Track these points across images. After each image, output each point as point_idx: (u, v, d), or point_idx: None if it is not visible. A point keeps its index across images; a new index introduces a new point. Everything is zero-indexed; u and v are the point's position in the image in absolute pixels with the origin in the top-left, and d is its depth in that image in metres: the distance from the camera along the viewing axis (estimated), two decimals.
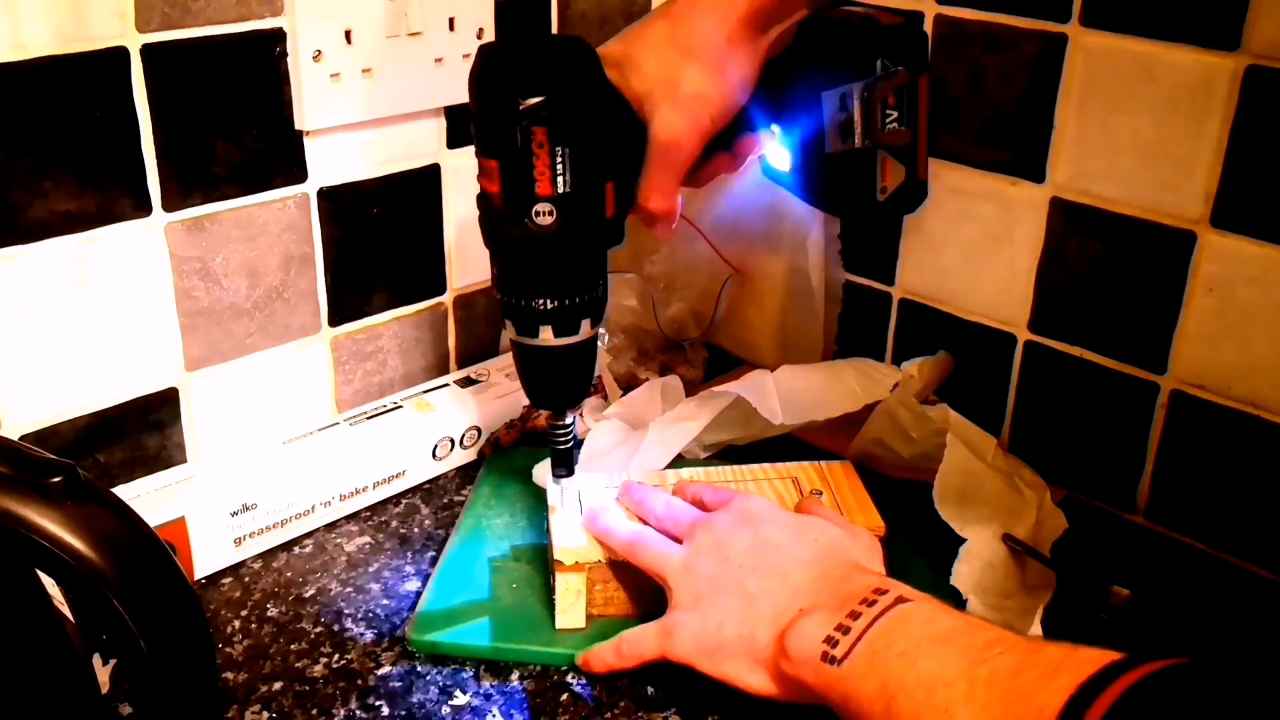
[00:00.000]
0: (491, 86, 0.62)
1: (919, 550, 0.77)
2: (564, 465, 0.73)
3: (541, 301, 0.66)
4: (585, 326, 0.67)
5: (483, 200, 0.65)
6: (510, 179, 0.62)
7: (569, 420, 0.72)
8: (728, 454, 0.88)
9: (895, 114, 0.68)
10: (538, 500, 0.81)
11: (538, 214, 0.62)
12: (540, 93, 0.60)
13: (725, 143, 0.69)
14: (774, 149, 0.73)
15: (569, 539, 0.70)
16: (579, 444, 0.73)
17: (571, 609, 0.70)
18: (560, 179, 0.62)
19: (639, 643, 0.66)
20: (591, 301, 0.67)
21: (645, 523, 0.71)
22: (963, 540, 0.74)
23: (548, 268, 0.65)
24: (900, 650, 0.53)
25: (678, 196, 0.68)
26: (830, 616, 0.57)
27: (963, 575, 0.73)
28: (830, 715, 0.57)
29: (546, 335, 0.67)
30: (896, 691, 0.52)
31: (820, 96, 0.67)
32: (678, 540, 0.68)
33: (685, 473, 0.79)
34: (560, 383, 0.70)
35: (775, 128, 0.71)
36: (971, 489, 0.78)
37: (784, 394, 0.86)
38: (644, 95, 0.65)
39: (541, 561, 0.76)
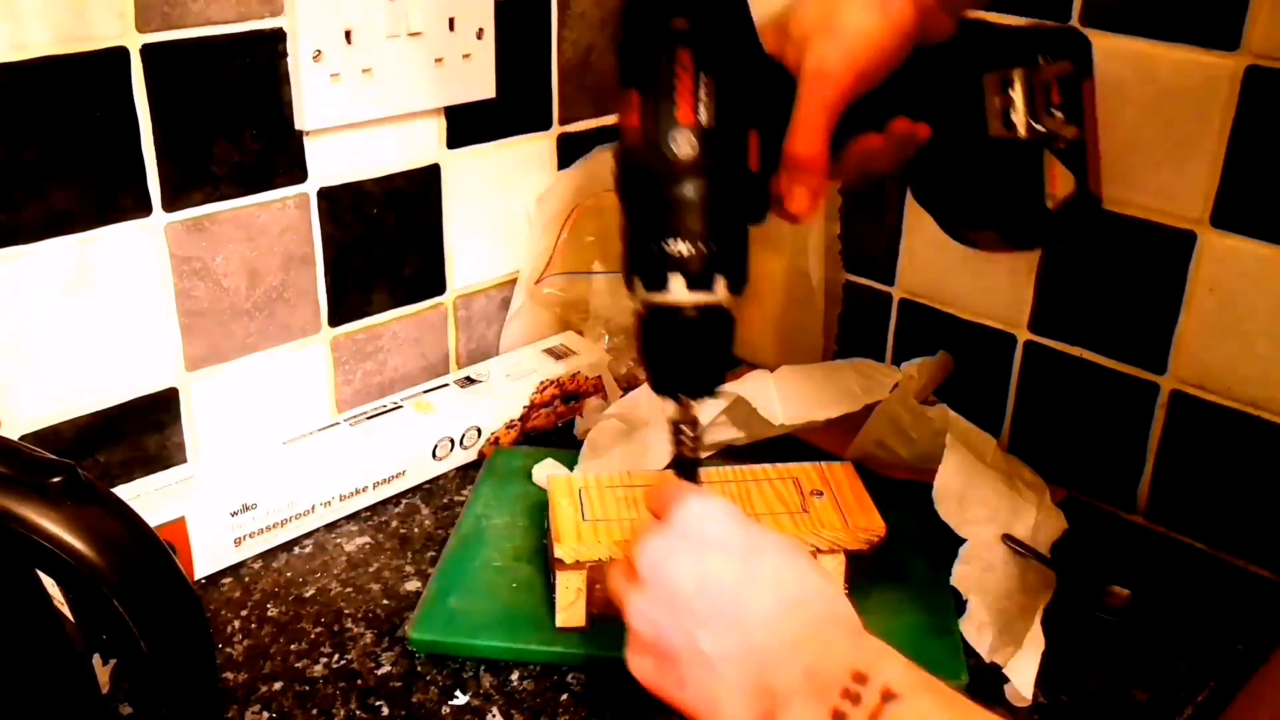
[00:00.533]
0: (640, 7, 0.60)
1: (919, 550, 0.77)
2: (689, 475, 0.63)
3: (673, 244, 0.58)
4: (720, 285, 0.59)
5: (621, 148, 0.60)
6: (650, 106, 0.59)
7: (695, 416, 0.62)
8: (728, 454, 0.88)
9: (1060, 114, 0.64)
10: (538, 500, 0.81)
11: (675, 141, 0.58)
12: (688, 14, 0.58)
13: (877, 120, 0.63)
14: (930, 156, 0.66)
15: (569, 538, 0.70)
16: (699, 451, 0.63)
17: (572, 608, 0.70)
18: (702, 107, 0.58)
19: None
20: (728, 256, 0.60)
21: None
22: (963, 540, 0.74)
23: (682, 205, 0.59)
24: None
25: (825, 144, 0.61)
26: (810, 713, 0.49)
27: (962, 575, 0.73)
28: None
29: (677, 286, 0.59)
30: None
31: (980, 80, 0.63)
32: None
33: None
34: (690, 356, 0.61)
35: (929, 121, 0.65)
36: (971, 489, 0.78)
37: (784, 394, 0.86)
38: (801, 40, 0.61)
39: (541, 561, 0.76)
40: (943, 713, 0.49)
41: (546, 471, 0.84)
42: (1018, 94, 0.63)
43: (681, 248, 0.59)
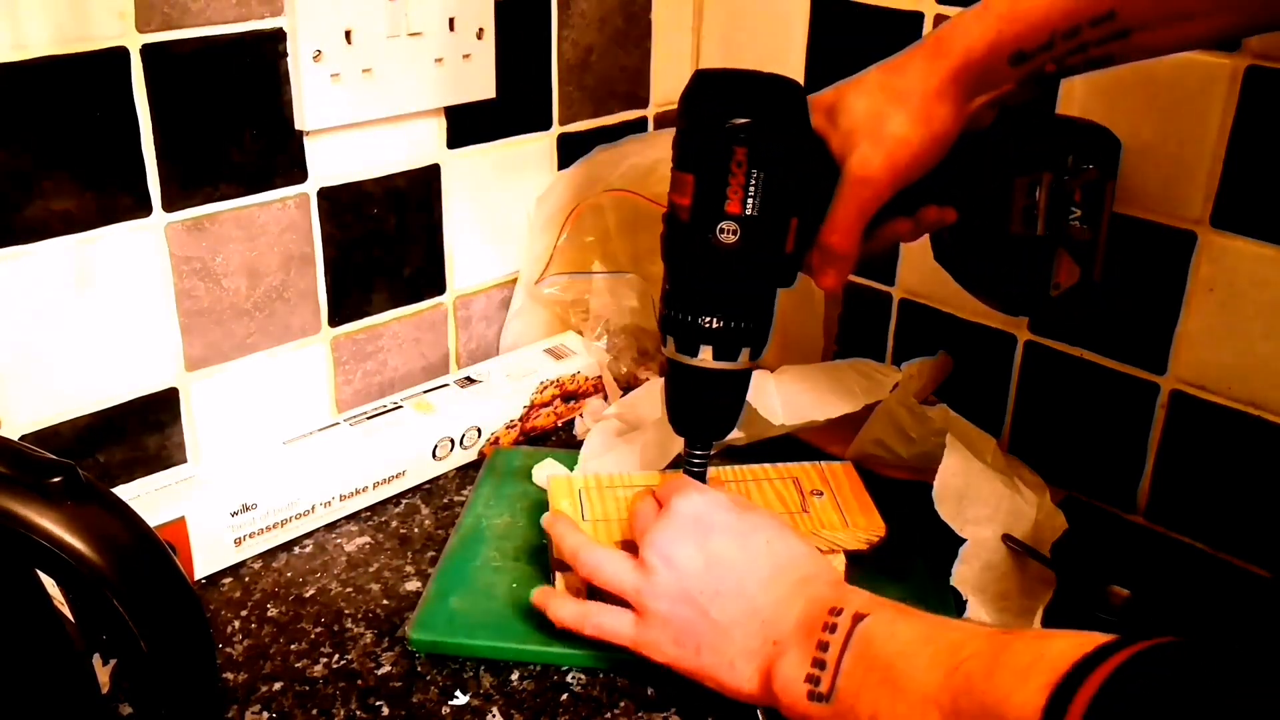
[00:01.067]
0: (704, 103, 0.65)
1: (919, 550, 0.77)
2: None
3: (708, 319, 0.67)
4: (744, 355, 0.69)
5: (669, 217, 0.67)
6: (703, 193, 0.65)
7: (709, 451, 0.72)
8: (728, 454, 0.88)
9: (1079, 212, 0.69)
10: (538, 500, 0.81)
11: (722, 231, 0.65)
12: (748, 115, 0.63)
13: (909, 208, 0.69)
14: (952, 232, 0.72)
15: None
16: (705, 474, 0.73)
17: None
18: (750, 200, 0.64)
19: (613, 631, 0.66)
20: (755, 331, 0.68)
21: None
22: (962, 540, 0.74)
23: (721, 285, 0.67)
24: (879, 677, 0.55)
25: (859, 238, 0.68)
26: (802, 652, 0.59)
27: (962, 576, 0.73)
28: None
29: (706, 356, 0.68)
30: (890, 719, 0.54)
31: (1012, 180, 0.68)
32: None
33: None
34: (708, 410, 0.71)
35: (957, 208, 0.70)
36: (971, 490, 0.78)
37: (784, 394, 0.86)
38: (847, 134, 0.66)
39: (541, 561, 0.76)
40: (902, 620, 0.57)
41: (546, 472, 0.84)
42: (1042, 198, 0.69)
43: (714, 324, 0.67)
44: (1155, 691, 0.44)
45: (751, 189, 0.64)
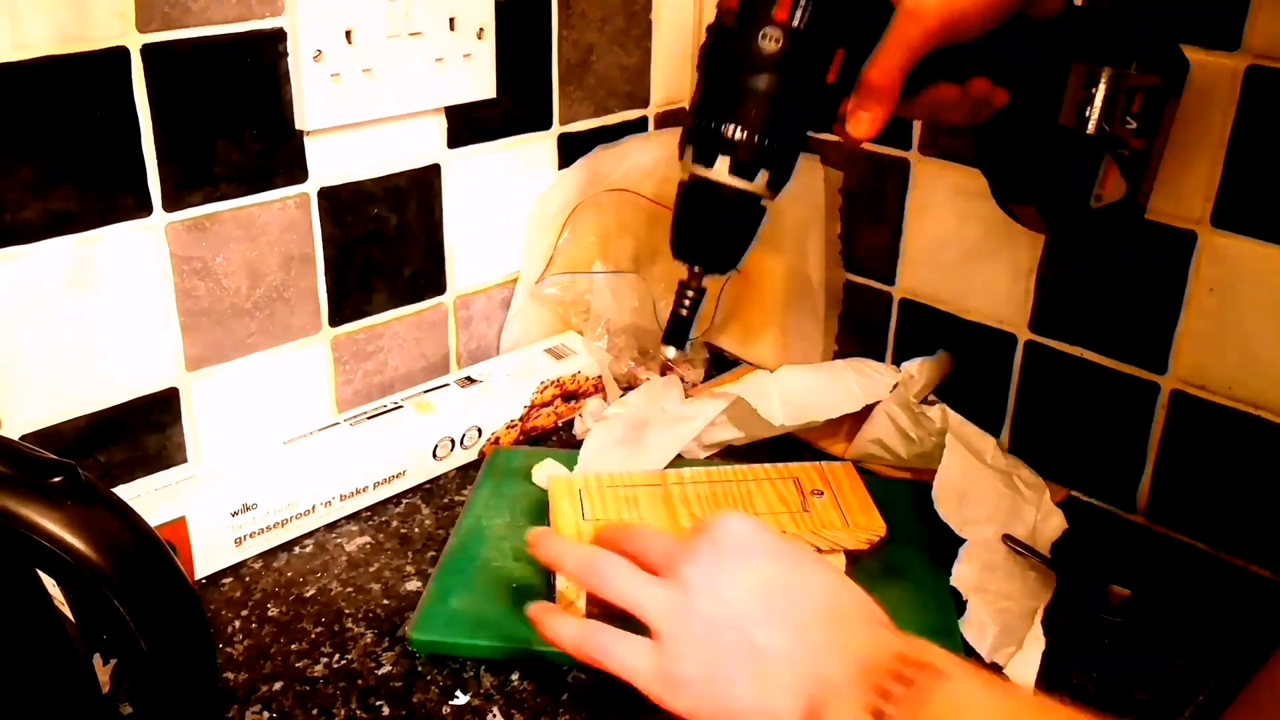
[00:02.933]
0: None
1: (919, 550, 0.77)
2: (678, 337, 0.68)
3: (732, 127, 0.63)
4: (762, 178, 0.63)
5: (714, 25, 0.64)
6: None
7: (703, 286, 0.67)
8: (728, 454, 0.88)
9: (1135, 124, 0.65)
10: (538, 500, 0.81)
11: (765, 36, 0.61)
12: None
13: (959, 74, 0.65)
14: (999, 118, 0.68)
15: (570, 537, 0.70)
16: (695, 316, 0.68)
17: (571, 608, 0.70)
18: (800, 11, 0.61)
19: (629, 668, 0.57)
20: (778, 154, 0.64)
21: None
22: (962, 540, 0.75)
23: (751, 94, 0.62)
24: None
25: (900, 79, 0.63)
26: (858, 698, 0.50)
27: (962, 575, 0.73)
28: None
29: (721, 168, 0.63)
30: None
31: (1068, 66, 0.65)
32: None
33: (685, 473, 0.79)
34: (717, 231, 0.65)
35: (1011, 91, 0.67)
36: (971, 489, 0.78)
37: (784, 394, 0.86)
38: None
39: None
40: (987, 691, 0.50)
41: (547, 472, 0.84)
42: (1099, 92, 0.65)
43: (737, 133, 0.62)
44: None
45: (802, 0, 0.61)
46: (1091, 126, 0.65)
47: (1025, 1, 0.63)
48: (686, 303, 0.67)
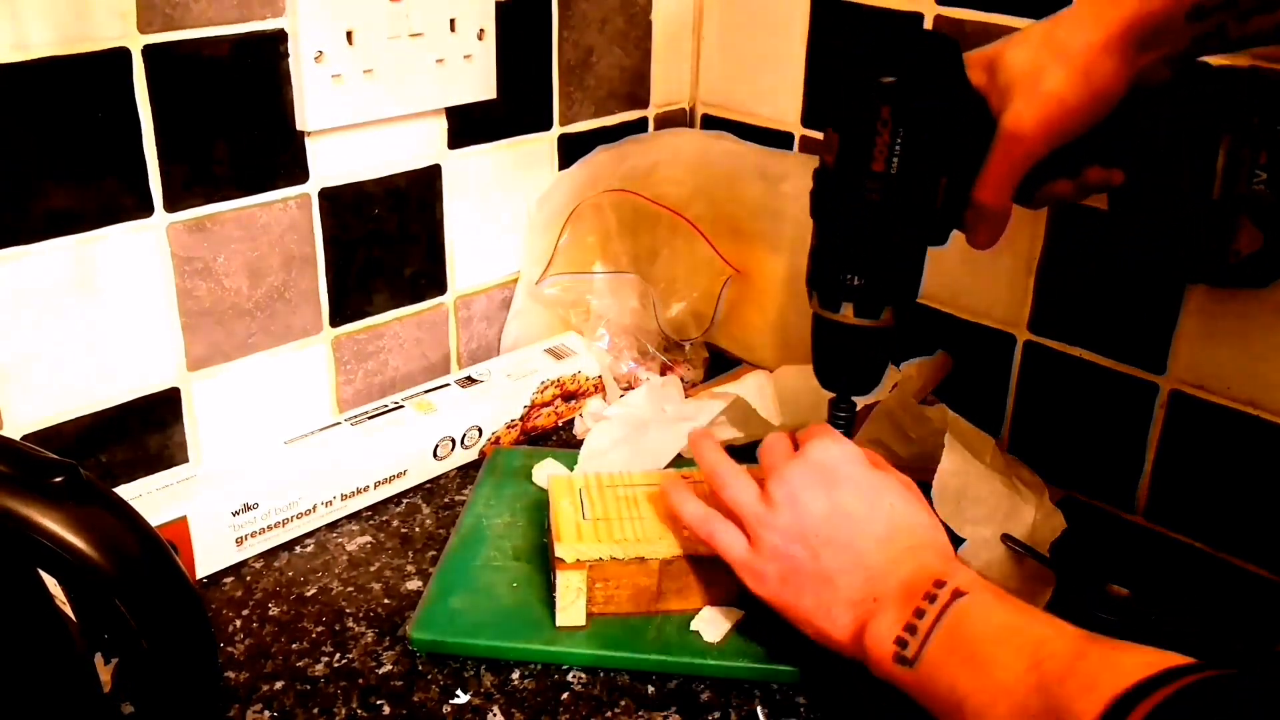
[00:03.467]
0: (855, 62, 0.65)
1: None
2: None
3: (850, 276, 0.67)
4: (887, 313, 0.68)
5: (818, 172, 0.67)
6: (848, 151, 0.65)
7: (853, 405, 0.72)
8: (729, 453, 0.88)
9: (1264, 175, 0.65)
10: (538, 500, 0.81)
11: (866, 189, 0.64)
12: (894, 73, 0.63)
13: (1073, 168, 0.67)
14: (1120, 195, 0.70)
15: (570, 536, 0.70)
16: (852, 429, 0.73)
17: (571, 607, 0.70)
18: (895, 159, 0.63)
19: (727, 546, 0.67)
20: (898, 288, 0.68)
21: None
22: (962, 540, 0.75)
23: (864, 243, 0.66)
24: (963, 656, 0.56)
25: (1009, 196, 0.66)
26: (899, 613, 0.59)
27: None
28: None
29: (847, 312, 0.68)
30: (965, 696, 0.55)
31: (1182, 140, 0.66)
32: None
33: (685, 472, 0.79)
34: (852, 365, 0.71)
35: (1125, 170, 0.68)
36: (970, 489, 0.78)
37: (783, 395, 0.86)
38: (1004, 89, 0.64)
39: (541, 560, 0.76)
40: (998, 606, 0.58)
41: (547, 471, 0.84)
42: (1219, 160, 0.65)
43: (856, 280, 0.67)
44: (1209, 712, 0.45)
45: (897, 147, 0.63)
46: (1215, 192, 0.66)
47: (1124, 92, 0.63)
48: (842, 419, 0.73)
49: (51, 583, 0.51)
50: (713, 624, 0.70)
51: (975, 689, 0.54)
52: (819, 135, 0.97)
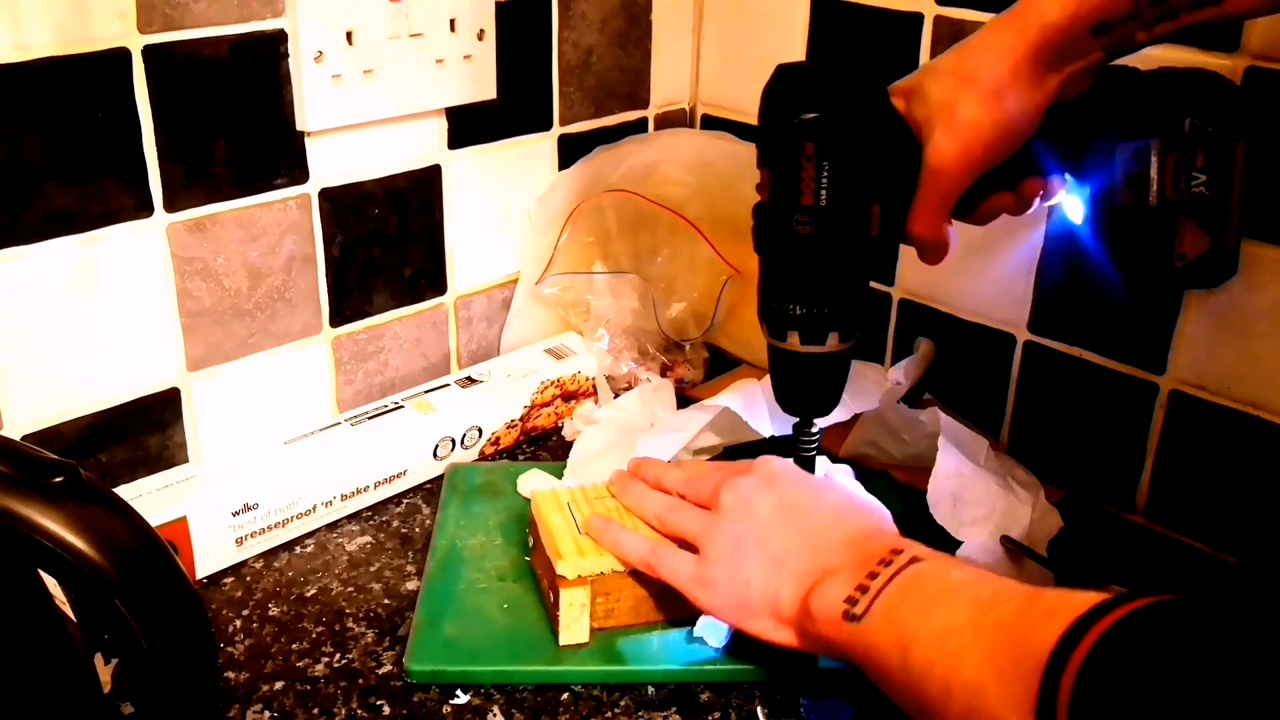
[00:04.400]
0: (773, 99, 0.67)
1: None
2: (806, 471, 0.74)
3: (792, 306, 0.69)
4: (833, 339, 0.70)
5: (756, 209, 0.69)
6: (778, 187, 0.67)
7: (815, 430, 0.74)
8: (726, 452, 0.88)
9: (1203, 177, 0.65)
10: (509, 517, 0.81)
11: (798, 222, 0.66)
12: (814, 109, 0.64)
13: (1009, 182, 0.68)
14: (1069, 199, 0.71)
15: (570, 553, 0.69)
16: (819, 452, 0.75)
17: (576, 624, 0.69)
18: (823, 192, 0.65)
19: (672, 571, 0.67)
20: (840, 315, 0.69)
21: (666, 492, 0.73)
22: (959, 543, 0.75)
23: (800, 274, 0.68)
24: (915, 605, 0.56)
25: (945, 226, 0.68)
26: (851, 577, 0.59)
27: None
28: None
29: (794, 341, 0.70)
30: (911, 642, 0.54)
31: (1115, 148, 0.66)
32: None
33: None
34: (806, 391, 0.73)
35: (1067, 177, 0.69)
36: (965, 492, 0.78)
37: (774, 404, 0.86)
38: (924, 122, 0.66)
39: (529, 579, 0.75)
40: (955, 567, 0.58)
41: (531, 485, 0.83)
42: (1153, 168, 0.65)
43: (798, 310, 0.69)
44: (1162, 631, 0.46)
45: (823, 180, 0.65)
46: (1152, 200, 0.66)
47: (1049, 105, 0.64)
48: (807, 444, 0.74)
49: (52, 583, 0.51)
50: (715, 629, 0.69)
51: (924, 633, 0.54)
52: None
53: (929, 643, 0.53)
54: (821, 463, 0.76)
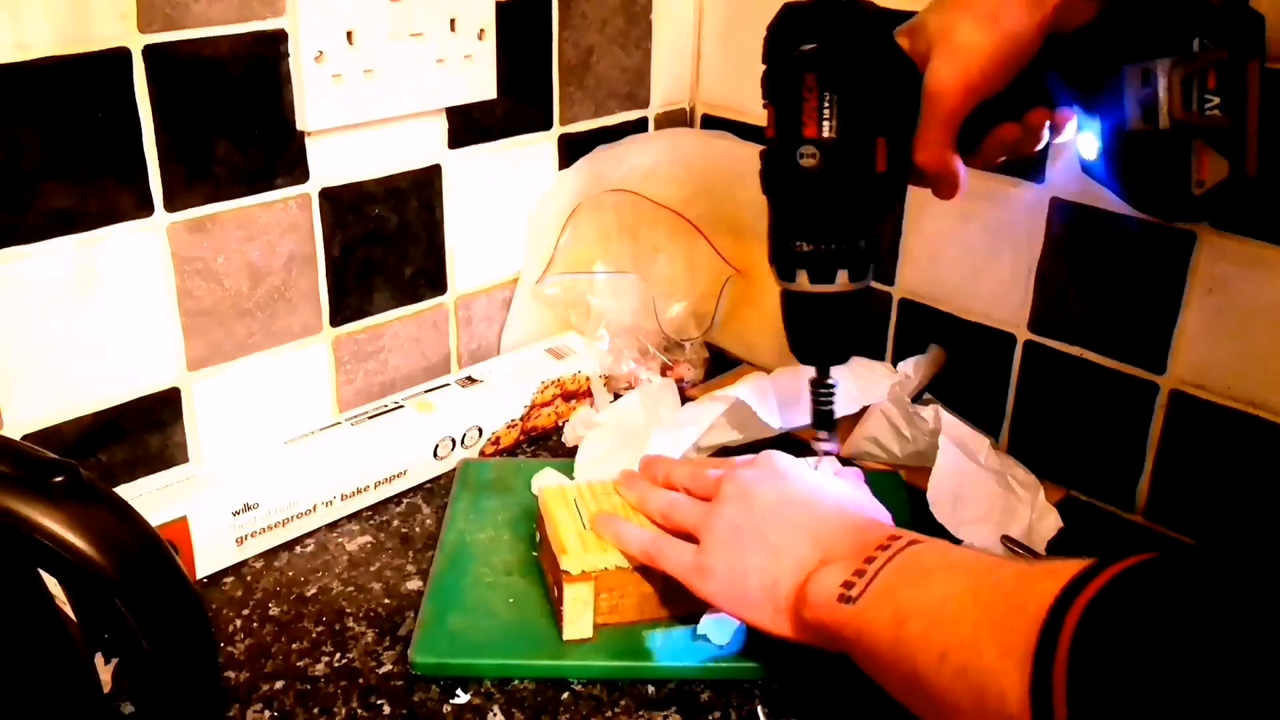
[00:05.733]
0: (775, 35, 0.67)
1: None
2: (825, 425, 0.74)
3: (799, 244, 0.68)
4: (843, 277, 0.68)
5: (764, 151, 0.69)
6: (782, 122, 0.66)
7: (831, 380, 0.73)
8: (726, 455, 0.88)
9: (1216, 99, 0.63)
10: (518, 513, 0.81)
11: (802, 156, 0.66)
12: (813, 40, 0.64)
13: (1014, 112, 0.67)
14: (1082, 137, 0.69)
15: (575, 549, 0.70)
16: (832, 409, 0.74)
17: (579, 619, 0.69)
18: (826, 124, 0.65)
19: (673, 561, 0.68)
20: (850, 252, 0.68)
21: (673, 488, 0.73)
22: (959, 542, 0.75)
23: (807, 209, 0.68)
24: (911, 580, 0.56)
25: (951, 155, 0.67)
26: (849, 564, 0.59)
27: None
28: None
29: (803, 280, 0.69)
30: (907, 616, 0.54)
31: (1122, 70, 0.64)
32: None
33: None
34: (818, 334, 0.71)
35: (1075, 109, 0.68)
36: (965, 491, 0.78)
37: (782, 397, 0.86)
38: (926, 51, 0.66)
39: (535, 574, 0.75)
40: (958, 551, 0.59)
41: (543, 483, 0.83)
42: (1161, 87, 0.64)
43: (805, 247, 0.68)
44: (1155, 587, 0.46)
45: (826, 111, 0.65)
46: (1164, 123, 0.64)
47: (1048, 27, 0.63)
48: (823, 397, 0.74)
49: (52, 583, 0.51)
50: (719, 627, 0.69)
51: (921, 605, 0.54)
52: None
53: (925, 612, 0.54)
54: (829, 465, 0.76)
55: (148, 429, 0.81)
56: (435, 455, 0.87)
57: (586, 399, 0.96)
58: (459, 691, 0.67)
